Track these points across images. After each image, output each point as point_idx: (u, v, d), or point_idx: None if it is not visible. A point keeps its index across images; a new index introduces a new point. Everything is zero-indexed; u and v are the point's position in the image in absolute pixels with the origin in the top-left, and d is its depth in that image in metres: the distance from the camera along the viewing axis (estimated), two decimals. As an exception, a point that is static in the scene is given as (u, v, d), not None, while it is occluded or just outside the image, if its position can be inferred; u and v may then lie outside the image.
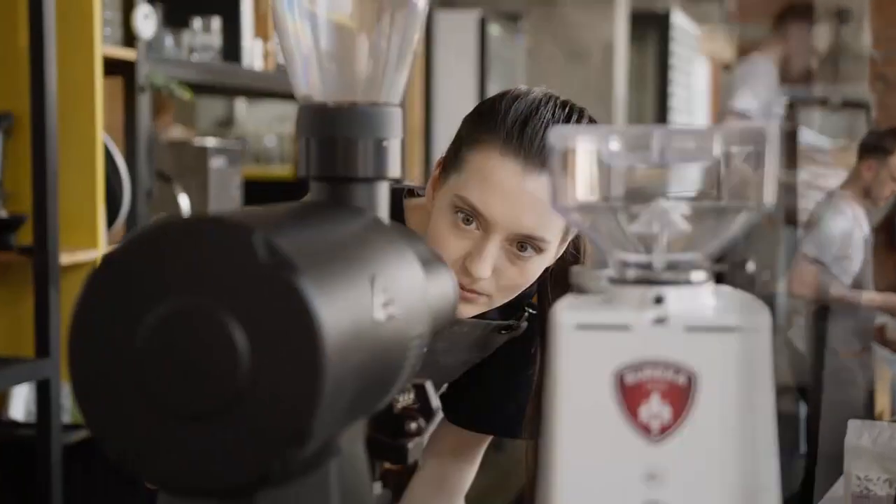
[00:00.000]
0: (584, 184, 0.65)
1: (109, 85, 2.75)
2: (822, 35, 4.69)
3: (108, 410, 0.57)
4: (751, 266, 3.53)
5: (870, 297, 3.41)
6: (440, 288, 0.75)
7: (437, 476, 1.48)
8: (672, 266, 0.64)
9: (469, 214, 1.20)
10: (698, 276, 0.63)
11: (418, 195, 1.39)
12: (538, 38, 5.66)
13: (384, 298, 0.62)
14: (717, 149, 0.63)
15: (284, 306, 0.54)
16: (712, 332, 0.61)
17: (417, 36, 0.72)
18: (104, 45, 2.61)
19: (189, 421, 0.56)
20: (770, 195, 0.63)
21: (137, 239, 0.57)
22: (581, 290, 0.67)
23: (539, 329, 1.37)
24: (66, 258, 2.46)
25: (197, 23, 3.12)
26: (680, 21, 6.99)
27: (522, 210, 1.18)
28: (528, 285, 1.25)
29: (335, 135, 0.69)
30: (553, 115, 1.21)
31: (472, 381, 1.44)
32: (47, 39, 2.36)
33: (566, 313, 0.62)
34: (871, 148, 3.38)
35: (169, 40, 2.98)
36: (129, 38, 2.73)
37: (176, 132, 4.47)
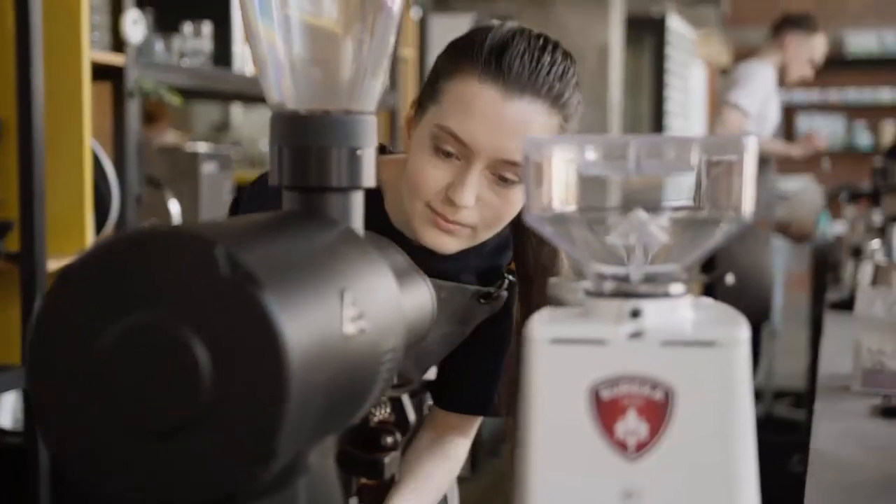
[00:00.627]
0: (559, 193, 0.63)
1: (98, 90, 2.73)
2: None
3: (68, 427, 0.55)
4: (730, 278, 3.51)
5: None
6: (416, 299, 0.73)
7: (435, 447, 1.47)
8: (650, 278, 0.62)
9: (449, 145, 1.20)
10: (676, 288, 0.62)
11: (390, 152, 1.38)
12: (532, 43, 5.64)
13: (355, 312, 0.60)
14: (695, 159, 0.62)
15: (247, 321, 0.53)
16: (690, 346, 0.59)
17: (393, 41, 0.71)
18: (92, 51, 2.58)
19: (150, 438, 0.54)
20: (749, 205, 0.62)
21: (97, 252, 0.55)
22: (558, 303, 0.65)
23: (519, 275, 1.36)
24: (53, 265, 2.44)
25: (187, 27, 3.10)
26: (676, 25, 6.98)
27: (503, 135, 1.18)
28: (511, 217, 1.25)
29: (308, 143, 0.67)
30: (529, 43, 1.22)
31: (453, 364, 1.45)
32: (34, 44, 2.35)
33: (541, 327, 0.61)
34: None
35: (159, 45, 2.96)
36: (118, 43, 2.71)
37: (170, 137, 4.46)
